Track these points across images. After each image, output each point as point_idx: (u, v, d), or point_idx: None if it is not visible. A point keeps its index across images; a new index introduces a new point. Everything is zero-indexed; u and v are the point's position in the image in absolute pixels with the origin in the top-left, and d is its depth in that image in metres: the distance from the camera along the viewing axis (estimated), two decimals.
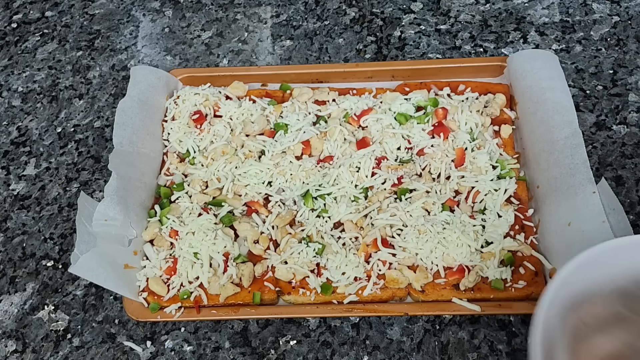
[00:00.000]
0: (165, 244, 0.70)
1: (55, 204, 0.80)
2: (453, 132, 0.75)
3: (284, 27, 0.95)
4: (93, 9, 1.01)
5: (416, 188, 0.71)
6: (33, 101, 0.91)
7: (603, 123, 0.79)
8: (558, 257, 0.65)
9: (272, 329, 0.68)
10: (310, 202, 0.72)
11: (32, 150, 0.85)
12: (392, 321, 0.67)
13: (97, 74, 0.93)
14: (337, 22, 0.94)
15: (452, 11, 0.94)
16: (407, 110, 0.77)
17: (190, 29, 0.97)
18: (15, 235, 0.78)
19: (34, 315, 0.71)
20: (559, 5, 0.92)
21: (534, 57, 0.77)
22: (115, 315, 0.70)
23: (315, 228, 0.70)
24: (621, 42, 0.87)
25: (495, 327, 0.66)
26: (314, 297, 0.66)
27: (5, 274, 0.75)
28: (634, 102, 0.81)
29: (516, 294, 0.64)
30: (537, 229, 0.69)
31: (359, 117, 0.77)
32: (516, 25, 0.90)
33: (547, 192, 0.69)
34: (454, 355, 0.65)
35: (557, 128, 0.70)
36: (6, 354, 0.69)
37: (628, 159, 0.76)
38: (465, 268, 0.65)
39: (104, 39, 0.97)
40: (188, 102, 0.81)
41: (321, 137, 0.77)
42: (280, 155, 0.76)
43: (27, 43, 0.98)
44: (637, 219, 0.72)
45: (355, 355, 0.65)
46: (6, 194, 0.81)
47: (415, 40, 0.91)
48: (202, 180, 0.75)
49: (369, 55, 0.90)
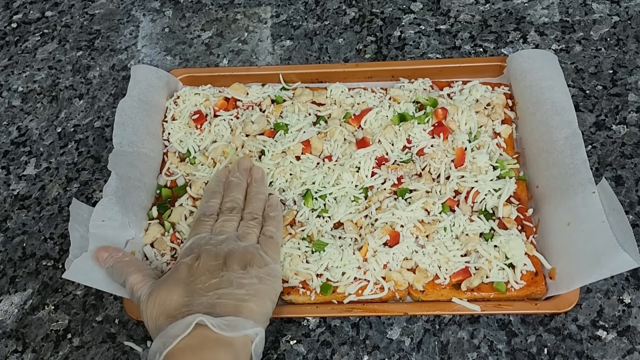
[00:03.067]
0: (167, 247, 0.70)
1: (56, 204, 0.80)
2: (453, 133, 0.75)
3: (284, 27, 0.95)
4: (93, 9, 1.01)
5: (416, 188, 0.71)
6: (33, 101, 0.91)
7: (603, 123, 0.79)
8: (557, 257, 0.65)
9: (272, 329, 0.68)
10: (311, 202, 0.72)
11: (32, 150, 0.85)
12: (392, 321, 0.67)
13: (97, 74, 0.93)
14: (337, 22, 0.95)
15: (452, 11, 0.94)
16: (407, 110, 0.77)
17: (190, 29, 0.97)
18: (15, 235, 0.78)
19: (34, 315, 0.71)
20: (559, 5, 0.92)
21: (533, 57, 0.77)
22: (116, 315, 0.70)
23: (315, 228, 0.70)
24: (621, 42, 0.87)
25: (495, 327, 0.66)
26: (314, 297, 0.66)
27: (5, 274, 0.75)
28: (633, 102, 0.81)
29: (516, 294, 0.64)
30: (536, 228, 0.69)
31: (359, 117, 0.78)
32: (516, 25, 0.91)
33: (546, 192, 0.69)
34: (453, 355, 0.65)
35: (557, 128, 0.70)
36: (6, 353, 0.69)
37: (628, 158, 0.76)
38: (468, 270, 0.65)
39: (104, 39, 0.97)
40: (188, 102, 0.81)
41: (321, 137, 0.77)
42: (281, 155, 0.76)
43: (27, 43, 0.98)
44: (637, 218, 0.72)
45: (355, 355, 0.65)
46: (6, 194, 0.82)
47: (415, 40, 0.91)
48: (204, 183, 0.75)
49: (369, 55, 0.90)
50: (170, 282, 0.60)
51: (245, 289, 0.58)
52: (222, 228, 0.65)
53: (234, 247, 0.62)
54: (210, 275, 0.59)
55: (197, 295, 0.58)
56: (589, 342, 0.65)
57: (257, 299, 0.58)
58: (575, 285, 0.62)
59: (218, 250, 0.61)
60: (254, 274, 0.60)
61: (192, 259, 0.61)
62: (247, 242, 0.63)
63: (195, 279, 0.59)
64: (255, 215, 0.67)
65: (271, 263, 0.62)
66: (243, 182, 0.71)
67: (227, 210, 0.67)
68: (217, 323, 0.54)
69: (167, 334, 0.54)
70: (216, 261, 0.60)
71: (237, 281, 0.58)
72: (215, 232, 0.65)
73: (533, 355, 0.64)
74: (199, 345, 0.53)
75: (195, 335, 0.53)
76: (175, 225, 0.71)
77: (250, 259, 0.61)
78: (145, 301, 0.59)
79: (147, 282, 0.61)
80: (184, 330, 0.53)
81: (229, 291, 0.57)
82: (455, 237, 0.68)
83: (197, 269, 0.60)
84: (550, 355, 0.64)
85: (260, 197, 0.70)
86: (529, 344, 0.65)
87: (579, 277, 0.61)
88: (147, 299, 0.59)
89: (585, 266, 0.61)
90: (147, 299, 0.59)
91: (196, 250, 0.62)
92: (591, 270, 0.60)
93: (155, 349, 0.54)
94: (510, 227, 0.67)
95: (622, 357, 0.63)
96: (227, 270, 0.59)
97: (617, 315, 0.66)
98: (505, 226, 0.68)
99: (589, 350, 0.64)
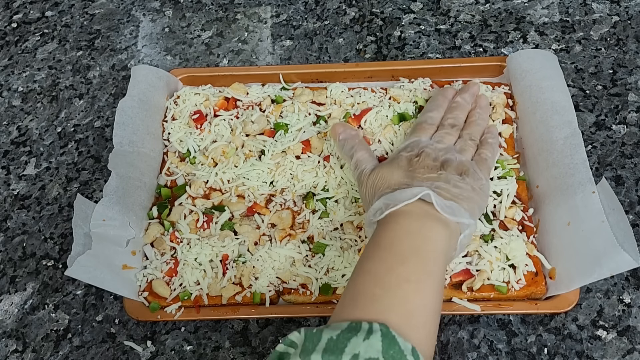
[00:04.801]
0: (167, 247, 0.70)
1: (56, 204, 0.80)
2: None
3: (284, 27, 0.95)
4: (93, 9, 1.01)
5: None
6: (33, 101, 0.91)
7: (602, 123, 0.79)
8: (557, 257, 0.65)
9: (272, 329, 0.68)
10: (312, 203, 0.72)
11: (32, 150, 0.85)
12: None
13: (97, 73, 0.93)
14: (337, 22, 0.95)
15: (452, 11, 0.94)
16: (407, 110, 0.77)
17: (190, 28, 0.97)
18: (15, 235, 0.78)
19: (34, 315, 0.71)
20: (559, 5, 0.92)
21: (533, 57, 0.77)
22: (116, 315, 0.70)
23: (316, 230, 0.70)
24: (621, 42, 0.87)
25: (495, 327, 0.66)
26: (314, 297, 0.66)
27: (5, 273, 0.75)
28: (633, 102, 0.81)
29: (516, 294, 0.64)
30: (536, 228, 0.69)
31: (359, 117, 0.78)
32: (516, 25, 0.91)
33: (546, 192, 0.69)
34: (453, 354, 0.65)
35: (557, 128, 0.70)
36: (6, 353, 0.69)
37: (628, 158, 0.76)
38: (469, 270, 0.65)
39: (104, 38, 0.97)
40: (188, 102, 0.81)
41: (321, 136, 0.77)
42: (281, 155, 0.76)
43: (27, 43, 0.98)
44: (636, 218, 0.72)
45: None
46: (6, 194, 0.82)
47: (415, 40, 0.91)
48: (203, 182, 0.75)
49: (369, 55, 0.90)
50: (393, 165, 0.64)
51: (460, 190, 0.60)
52: (442, 138, 0.68)
53: (451, 156, 0.64)
54: (429, 170, 0.62)
55: (417, 180, 0.61)
56: (589, 342, 0.65)
57: (470, 201, 0.61)
58: (575, 285, 0.62)
59: (437, 154, 0.64)
60: (468, 182, 0.62)
61: (411, 154, 0.65)
62: (464, 157, 0.66)
63: (415, 170, 0.63)
64: (473, 137, 0.69)
65: (483, 180, 0.64)
66: (468, 105, 0.73)
67: (448, 125, 0.70)
68: (440, 202, 0.57)
69: (393, 197, 0.59)
70: (434, 162, 0.63)
71: (454, 182, 0.61)
72: (435, 140, 0.68)
73: (533, 355, 0.64)
74: (422, 215, 0.57)
75: (419, 206, 0.57)
76: (174, 225, 0.71)
77: (466, 171, 0.63)
78: (367, 174, 0.65)
79: (372, 160, 0.67)
80: (410, 197, 0.57)
81: (446, 186, 0.60)
82: None
83: (416, 163, 0.63)
84: (550, 355, 0.64)
85: (482, 123, 0.72)
86: (529, 343, 0.65)
87: (579, 277, 0.61)
88: (370, 172, 0.65)
89: (585, 266, 0.61)
90: (370, 172, 0.65)
91: (415, 149, 0.66)
92: (591, 270, 0.60)
93: (379, 206, 0.59)
94: (511, 228, 0.67)
95: (622, 357, 0.63)
96: (445, 171, 0.62)
97: (617, 315, 0.66)
98: (506, 227, 0.68)
99: (589, 350, 0.64)
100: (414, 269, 0.53)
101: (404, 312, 0.51)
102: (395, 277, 0.52)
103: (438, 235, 0.56)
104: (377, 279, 0.53)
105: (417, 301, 0.52)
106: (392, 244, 0.56)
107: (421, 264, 0.54)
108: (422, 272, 0.53)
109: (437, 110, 0.72)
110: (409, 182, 0.61)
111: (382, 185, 0.62)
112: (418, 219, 0.57)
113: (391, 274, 0.53)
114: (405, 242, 0.55)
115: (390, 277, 0.52)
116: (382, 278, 0.53)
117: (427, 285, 0.53)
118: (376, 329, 0.47)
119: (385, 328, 0.47)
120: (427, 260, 0.55)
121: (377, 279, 0.53)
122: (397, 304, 0.51)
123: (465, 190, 0.61)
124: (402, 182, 0.61)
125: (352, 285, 0.54)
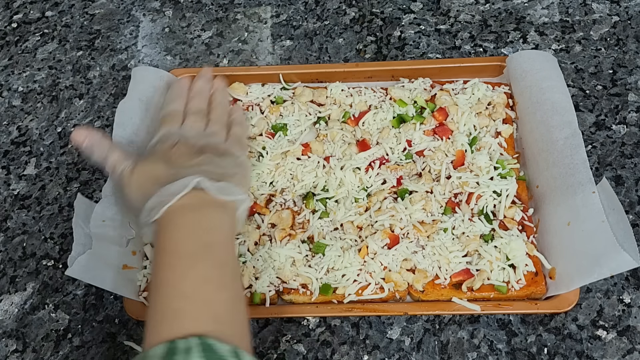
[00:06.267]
0: None
1: (56, 204, 0.80)
2: (453, 134, 0.75)
3: (284, 27, 0.95)
4: (93, 9, 1.01)
5: (416, 189, 0.71)
6: (33, 101, 0.91)
7: (602, 123, 0.79)
8: (557, 257, 0.65)
9: (272, 329, 0.68)
10: (312, 203, 0.72)
11: (32, 150, 0.85)
12: (392, 321, 0.67)
13: (97, 73, 0.93)
14: (337, 22, 0.95)
15: (452, 11, 0.94)
16: (407, 112, 0.77)
17: (191, 29, 0.97)
18: (15, 235, 0.78)
19: (34, 315, 0.71)
20: (559, 5, 0.92)
21: (532, 57, 0.77)
22: (116, 314, 0.70)
23: (316, 229, 0.70)
24: (621, 42, 0.87)
25: (495, 327, 0.66)
26: (314, 297, 0.66)
27: (5, 273, 0.75)
28: (633, 102, 0.81)
29: (516, 293, 0.65)
30: (536, 228, 0.69)
31: (358, 118, 0.78)
32: (516, 25, 0.91)
33: (546, 192, 0.69)
34: (453, 354, 0.65)
35: (557, 128, 0.70)
36: (6, 353, 0.69)
37: (628, 158, 0.76)
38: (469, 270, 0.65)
39: (104, 38, 0.97)
40: None
41: (321, 138, 0.77)
42: (281, 156, 0.76)
43: (27, 43, 0.98)
44: (636, 218, 0.72)
45: (355, 354, 0.65)
46: (6, 194, 0.82)
47: (415, 40, 0.91)
48: None
49: (369, 55, 0.90)
50: (153, 159, 0.63)
51: (225, 170, 0.61)
52: (192, 126, 0.68)
53: (206, 141, 0.65)
54: (189, 157, 0.62)
55: (182, 168, 0.60)
56: (589, 341, 0.65)
57: (237, 177, 0.62)
58: (575, 285, 0.62)
59: (192, 141, 0.64)
60: (229, 161, 0.63)
61: (167, 145, 0.64)
62: (217, 139, 0.67)
63: (176, 159, 0.62)
64: (220, 119, 0.71)
65: (242, 156, 0.67)
66: (207, 91, 0.75)
67: (192, 114, 0.70)
68: (212, 186, 0.56)
69: (165, 192, 0.56)
70: (192, 149, 0.63)
71: (216, 163, 0.62)
72: (185, 129, 0.68)
73: (533, 355, 0.64)
74: (198, 205, 0.56)
75: (193, 196, 0.56)
76: None
77: (224, 152, 0.64)
78: (129, 172, 0.62)
79: (129, 157, 0.64)
80: (182, 189, 0.55)
81: (211, 168, 0.60)
82: (456, 238, 0.68)
83: (174, 152, 0.63)
84: (550, 355, 0.64)
85: (223, 104, 0.74)
86: (529, 343, 0.65)
87: (579, 277, 0.61)
88: (133, 169, 0.62)
89: (585, 266, 0.61)
90: (132, 169, 0.62)
91: (169, 140, 0.65)
92: (591, 270, 0.60)
93: (152, 205, 0.56)
94: (511, 228, 0.67)
95: (622, 357, 0.63)
96: (205, 154, 0.62)
97: (617, 315, 0.66)
98: (506, 227, 0.68)
99: (588, 350, 0.64)
100: (208, 267, 0.52)
101: (213, 315, 0.49)
102: (191, 282, 0.51)
103: (220, 221, 0.56)
104: (175, 289, 0.51)
105: (221, 297, 0.51)
106: (177, 246, 0.53)
107: (213, 259, 0.53)
108: (217, 267, 0.53)
109: (177, 100, 0.73)
110: (175, 172, 0.59)
111: (149, 182, 0.59)
112: (196, 210, 0.55)
113: (186, 280, 0.51)
114: (189, 241, 0.54)
115: (186, 283, 0.51)
116: (179, 287, 0.51)
117: (226, 277, 0.52)
118: (193, 344, 0.45)
119: (200, 340, 0.46)
120: (218, 252, 0.54)
121: (175, 290, 0.51)
122: (202, 309, 0.50)
123: (230, 167, 0.62)
124: (168, 173, 0.59)
125: (154, 301, 0.52)
